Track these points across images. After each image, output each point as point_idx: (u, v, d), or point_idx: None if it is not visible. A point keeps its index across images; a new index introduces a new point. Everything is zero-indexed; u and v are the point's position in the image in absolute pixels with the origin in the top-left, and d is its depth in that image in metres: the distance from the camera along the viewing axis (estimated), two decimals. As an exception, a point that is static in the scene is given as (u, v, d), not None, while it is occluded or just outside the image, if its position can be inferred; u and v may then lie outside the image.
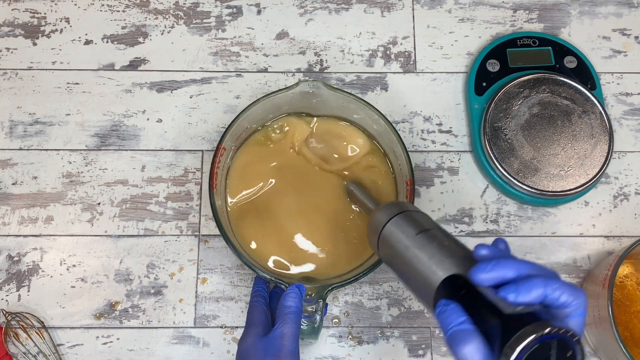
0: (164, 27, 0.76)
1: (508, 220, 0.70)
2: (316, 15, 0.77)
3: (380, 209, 0.53)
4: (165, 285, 0.67)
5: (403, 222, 0.50)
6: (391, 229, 0.50)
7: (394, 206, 0.52)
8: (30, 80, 0.73)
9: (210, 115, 0.73)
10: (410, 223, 0.49)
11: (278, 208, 0.63)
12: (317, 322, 0.56)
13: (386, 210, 0.52)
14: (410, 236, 0.47)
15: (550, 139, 0.68)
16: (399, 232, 0.49)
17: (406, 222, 0.50)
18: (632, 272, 0.66)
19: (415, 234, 0.47)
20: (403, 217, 0.50)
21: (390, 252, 0.49)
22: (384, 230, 0.50)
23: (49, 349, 0.64)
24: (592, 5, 0.78)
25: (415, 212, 0.52)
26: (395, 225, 0.50)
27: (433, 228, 0.48)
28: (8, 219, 0.68)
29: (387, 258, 0.51)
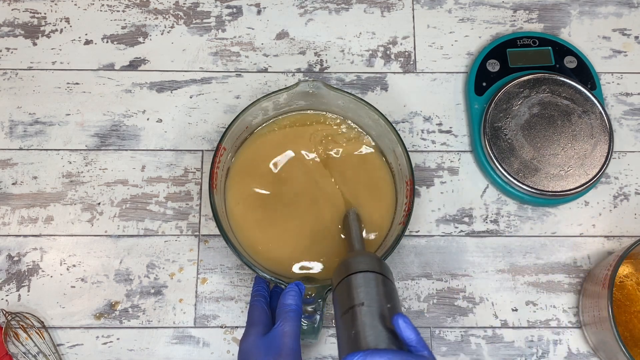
0: (164, 27, 0.76)
1: (508, 220, 0.70)
2: (316, 15, 0.77)
3: (354, 256, 0.54)
4: (165, 285, 0.67)
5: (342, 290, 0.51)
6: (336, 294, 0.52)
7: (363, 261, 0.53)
8: (30, 80, 0.73)
9: (210, 115, 0.73)
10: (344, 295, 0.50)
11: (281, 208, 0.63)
12: (317, 322, 0.56)
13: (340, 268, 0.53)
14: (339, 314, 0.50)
15: (550, 139, 0.68)
16: (336, 301, 0.51)
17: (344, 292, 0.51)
18: (632, 272, 0.66)
19: (342, 313, 0.49)
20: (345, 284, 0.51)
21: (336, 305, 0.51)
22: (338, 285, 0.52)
23: (49, 349, 0.64)
24: (592, 5, 0.78)
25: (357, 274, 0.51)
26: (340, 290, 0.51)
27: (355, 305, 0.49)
28: (8, 219, 0.68)
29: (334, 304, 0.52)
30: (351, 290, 0.50)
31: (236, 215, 0.63)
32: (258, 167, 0.65)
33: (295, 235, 0.62)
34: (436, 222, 0.69)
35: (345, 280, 0.51)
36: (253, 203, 0.64)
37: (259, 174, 0.65)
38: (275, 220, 0.63)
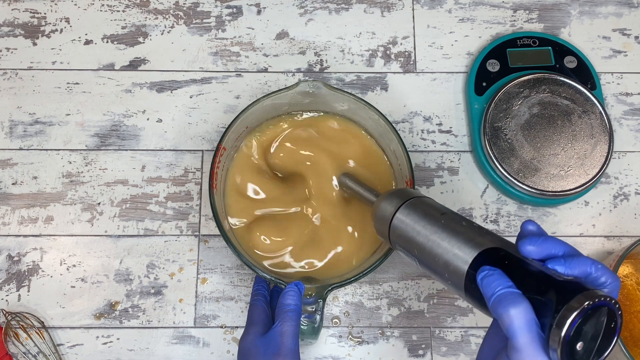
0: (164, 27, 0.76)
1: (508, 220, 0.70)
2: (316, 15, 0.77)
3: (385, 197, 0.53)
4: (165, 285, 0.67)
5: (417, 208, 0.50)
6: (403, 217, 0.50)
7: (399, 193, 0.52)
8: (30, 80, 0.73)
9: (210, 115, 0.73)
10: (427, 207, 0.50)
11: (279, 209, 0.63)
12: (317, 322, 0.56)
13: (392, 198, 0.52)
14: (434, 218, 0.48)
15: (550, 139, 0.68)
16: (414, 217, 0.49)
17: (421, 207, 0.50)
18: (632, 272, 0.66)
19: (439, 214, 0.48)
20: (415, 203, 0.50)
21: (407, 237, 0.49)
22: (394, 220, 0.51)
23: (49, 349, 0.64)
24: (592, 5, 0.78)
25: (422, 197, 0.52)
26: (408, 212, 0.50)
27: (450, 211, 0.49)
28: (8, 219, 0.68)
29: (403, 244, 0.50)
30: (429, 204, 0.50)
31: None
32: (258, 167, 0.65)
33: (295, 235, 0.62)
34: (436, 222, 0.69)
35: (413, 201, 0.51)
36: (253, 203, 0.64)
37: (259, 174, 0.65)
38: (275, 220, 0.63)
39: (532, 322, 0.36)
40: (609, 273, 0.39)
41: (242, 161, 0.64)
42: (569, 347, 0.35)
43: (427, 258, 0.47)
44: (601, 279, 0.39)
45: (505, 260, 0.41)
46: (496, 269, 0.40)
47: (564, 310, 0.35)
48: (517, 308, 0.36)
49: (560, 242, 0.40)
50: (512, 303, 0.37)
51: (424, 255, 0.47)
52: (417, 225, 0.48)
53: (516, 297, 0.37)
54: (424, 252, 0.47)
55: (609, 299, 0.36)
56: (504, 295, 0.38)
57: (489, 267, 0.40)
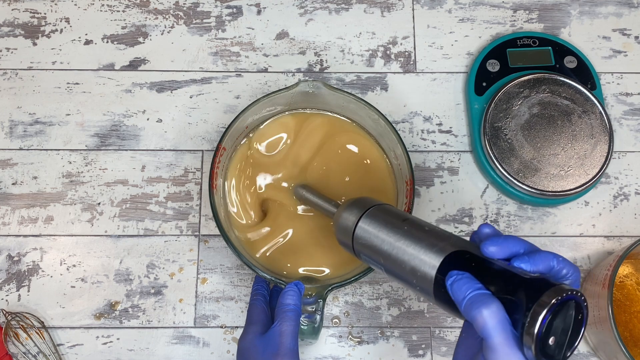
0: (164, 27, 0.76)
1: (508, 220, 0.70)
2: (316, 15, 0.77)
3: (345, 208, 0.52)
4: (165, 285, 0.67)
5: (378, 216, 0.50)
6: (365, 226, 0.50)
7: (358, 203, 0.52)
8: (30, 80, 0.73)
9: (210, 115, 0.73)
10: (388, 215, 0.49)
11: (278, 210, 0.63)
12: (317, 322, 0.56)
13: (352, 208, 0.52)
14: (396, 226, 0.47)
15: (550, 139, 0.68)
16: (378, 226, 0.49)
17: (383, 215, 0.50)
18: (632, 272, 0.66)
19: (401, 221, 0.48)
20: (376, 211, 0.50)
21: (372, 246, 0.49)
22: (357, 229, 0.50)
23: (49, 349, 0.64)
24: (592, 5, 0.78)
25: (383, 204, 0.52)
26: (370, 220, 0.50)
27: (410, 217, 0.49)
28: (8, 219, 0.68)
29: (369, 254, 0.50)
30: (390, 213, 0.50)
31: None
32: (258, 167, 0.65)
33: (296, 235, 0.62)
34: (436, 222, 0.69)
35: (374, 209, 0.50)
36: (253, 203, 0.64)
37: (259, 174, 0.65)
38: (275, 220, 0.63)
39: (504, 321, 0.37)
40: (570, 265, 0.40)
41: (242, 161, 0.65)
42: (541, 342, 0.36)
43: (394, 266, 0.47)
44: (563, 271, 0.40)
45: (472, 263, 0.41)
46: (464, 272, 0.40)
47: (534, 307, 0.36)
48: (489, 308, 0.37)
49: (520, 240, 0.41)
50: (483, 304, 0.37)
51: (390, 263, 0.47)
52: (380, 233, 0.48)
53: (487, 298, 0.38)
54: (389, 260, 0.47)
55: (575, 292, 0.37)
56: (475, 297, 0.38)
57: (457, 272, 0.40)
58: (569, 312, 0.37)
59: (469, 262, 0.41)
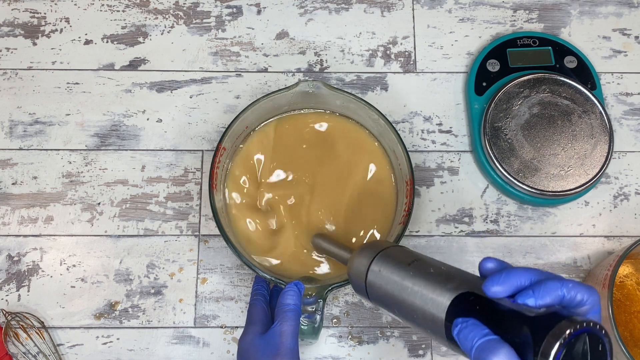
0: (164, 27, 0.76)
1: (508, 220, 0.70)
2: (316, 15, 0.77)
3: (357, 254, 0.51)
4: (165, 285, 0.67)
5: (387, 259, 0.48)
6: (377, 270, 0.48)
7: (370, 247, 0.51)
8: (30, 80, 0.73)
9: (210, 115, 0.73)
10: (395, 258, 0.48)
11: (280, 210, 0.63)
12: (317, 322, 0.56)
13: (364, 253, 0.50)
14: (402, 269, 0.46)
15: (550, 139, 0.68)
16: (387, 270, 0.47)
17: (391, 259, 0.48)
18: (632, 272, 0.66)
19: (407, 265, 0.46)
20: (384, 255, 0.49)
21: (383, 292, 0.48)
22: (369, 274, 0.49)
23: (49, 349, 0.64)
24: (592, 5, 0.78)
25: (394, 246, 0.51)
26: (380, 264, 0.48)
27: (418, 259, 0.47)
28: (8, 219, 0.68)
29: (381, 299, 0.49)
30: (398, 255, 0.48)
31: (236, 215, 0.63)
32: (258, 167, 0.65)
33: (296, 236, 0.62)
34: (436, 222, 0.69)
35: (383, 253, 0.49)
36: (253, 203, 0.64)
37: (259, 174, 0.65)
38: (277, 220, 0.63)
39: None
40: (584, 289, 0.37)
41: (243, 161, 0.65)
42: None
43: (406, 312, 0.45)
44: (576, 298, 0.37)
45: (477, 305, 0.40)
46: (469, 318, 0.39)
47: (542, 348, 0.34)
48: (498, 355, 0.36)
49: (524, 270, 0.39)
50: (492, 352, 0.36)
51: (402, 308, 0.46)
52: (391, 279, 0.47)
53: (495, 345, 0.36)
54: (401, 306, 0.46)
55: (586, 324, 0.35)
56: (483, 345, 0.37)
57: (462, 319, 0.39)
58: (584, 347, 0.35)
59: (474, 305, 0.40)
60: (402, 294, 0.45)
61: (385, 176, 0.65)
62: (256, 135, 0.65)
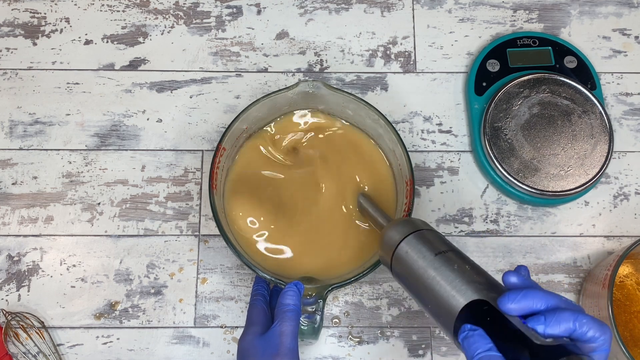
0: (164, 27, 0.76)
1: (508, 220, 0.70)
2: (316, 15, 0.77)
3: (393, 225, 0.52)
4: (165, 285, 0.67)
5: (418, 241, 0.49)
6: (406, 249, 0.49)
7: (407, 223, 0.51)
8: (30, 80, 0.73)
9: (210, 115, 0.73)
10: (426, 243, 0.48)
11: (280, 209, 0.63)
12: (317, 323, 0.56)
13: (399, 227, 0.51)
14: (428, 257, 0.47)
15: (550, 139, 0.68)
16: (414, 252, 0.48)
17: (422, 242, 0.49)
18: (632, 272, 0.66)
19: (433, 255, 0.47)
20: (418, 237, 0.49)
21: (405, 272, 0.48)
22: (397, 249, 0.50)
23: (49, 349, 0.64)
24: (592, 5, 0.78)
25: (429, 230, 0.51)
26: (410, 244, 0.49)
27: (450, 250, 0.48)
28: (8, 219, 0.68)
29: (401, 277, 0.49)
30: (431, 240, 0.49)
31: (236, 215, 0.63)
32: (258, 167, 0.65)
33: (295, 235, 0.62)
34: (436, 222, 0.69)
35: (417, 234, 0.49)
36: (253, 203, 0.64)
37: (259, 174, 0.65)
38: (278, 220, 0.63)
39: None
40: (597, 326, 0.37)
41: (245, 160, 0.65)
42: None
43: (422, 297, 0.46)
44: (588, 333, 0.37)
45: (488, 316, 0.40)
46: (477, 328, 0.39)
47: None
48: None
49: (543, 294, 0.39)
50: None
51: (419, 293, 0.47)
52: (417, 260, 0.47)
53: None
54: (419, 290, 0.47)
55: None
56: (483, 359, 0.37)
57: (470, 327, 0.40)
58: None
59: (485, 315, 0.40)
60: (423, 280, 0.46)
61: (385, 176, 0.65)
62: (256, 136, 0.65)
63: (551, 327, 0.37)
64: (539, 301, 0.39)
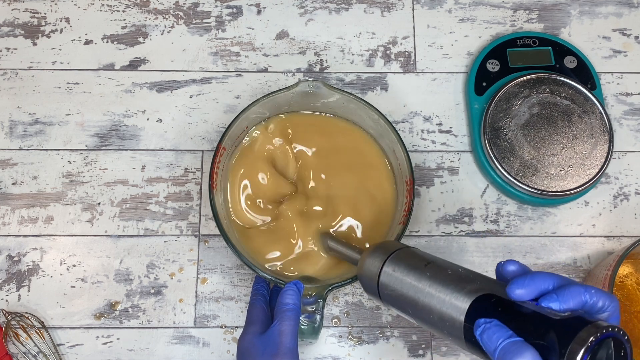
0: (164, 27, 0.76)
1: (508, 220, 0.70)
2: (316, 15, 0.77)
3: (368, 254, 0.51)
4: (165, 285, 0.67)
5: (401, 260, 0.48)
6: (390, 271, 0.48)
7: (381, 248, 0.51)
8: (30, 80, 0.73)
9: (210, 115, 0.73)
10: (410, 259, 0.48)
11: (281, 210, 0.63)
12: (317, 322, 0.56)
13: (376, 254, 0.50)
14: (418, 271, 0.46)
15: (550, 139, 0.68)
16: (401, 271, 0.47)
17: (405, 260, 0.48)
18: (632, 272, 0.66)
19: (423, 266, 0.46)
20: (399, 257, 0.49)
21: (398, 294, 0.47)
22: (382, 275, 0.49)
23: (49, 349, 0.64)
24: (592, 5, 0.78)
25: (406, 247, 0.50)
26: (394, 265, 0.48)
27: (434, 260, 0.47)
28: (8, 219, 0.68)
29: (394, 300, 0.48)
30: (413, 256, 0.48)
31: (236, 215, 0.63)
32: (258, 167, 0.65)
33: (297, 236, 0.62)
34: (436, 222, 0.69)
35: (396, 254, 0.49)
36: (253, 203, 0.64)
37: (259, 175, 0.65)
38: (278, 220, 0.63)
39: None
40: (605, 295, 0.38)
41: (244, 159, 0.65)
42: None
43: (422, 313, 0.45)
44: (598, 304, 0.38)
45: (499, 307, 0.40)
46: (492, 319, 0.39)
47: (569, 350, 0.34)
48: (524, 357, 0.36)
49: (548, 276, 0.39)
50: (517, 354, 0.36)
51: (418, 310, 0.46)
52: (405, 278, 0.47)
53: (520, 347, 0.36)
54: (416, 307, 0.46)
55: (611, 329, 0.35)
56: (507, 346, 0.37)
57: (485, 320, 0.39)
58: (609, 351, 0.35)
59: (496, 307, 0.40)
60: (418, 296, 0.45)
61: (385, 176, 0.65)
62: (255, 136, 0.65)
63: (565, 302, 0.37)
64: (547, 282, 0.39)
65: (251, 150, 0.65)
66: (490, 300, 0.41)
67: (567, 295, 0.38)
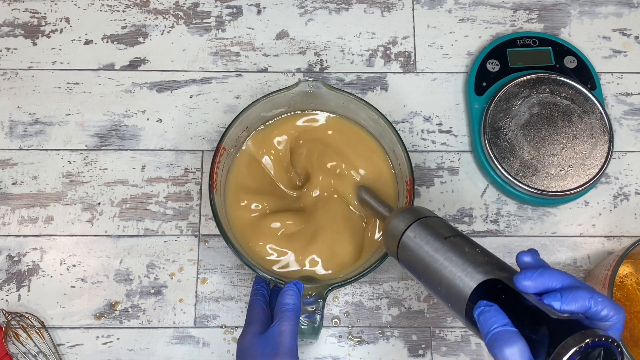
0: (164, 27, 0.76)
1: (508, 220, 0.70)
2: (316, 15, 0.77)
3: (397, 214, 0.52)
4: (165, 285, 0.67)
5: (425, 228, 0.49)
6: (412, 236, 0.49)
7: (411, 211, 0.52)
8: (30, 80, 0.73)
9: (210, 115, 0.73)
10: (433, 229, 0.49)
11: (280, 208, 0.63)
12: (317, 322, 0.56)
13: (403, 215, 0.51)
14: (436, 243, 0.47)
15: (550, 139, 0.68)
16: (422, 238, 0.49)
17: (428, 229, 0.49)
18: (632, 272, 0.66)
19: (441, 240, 0.47)
20: (424, 224, 0.50)
21: (413, 258, 0.49)
22: (404, 237, 0.50)
23: (49, 349, 0.64)
24: (592, 5, 0.78)
25: (434, 217, 0.51)
26: (417, 231, 0.49)
27: (457, 235, 0.48)
28: (8, 219, 0.68)
29: (409, 264, 0.50)
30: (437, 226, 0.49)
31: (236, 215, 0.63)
32: (258, 167, 0.65)
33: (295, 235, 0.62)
34: (436, 222, 0.69)
35: (422, 221, 0.50)
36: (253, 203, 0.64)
37: (259, 175, 0.65)
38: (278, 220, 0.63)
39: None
40: (611, 305, 0.38)
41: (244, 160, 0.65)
42: None
43: (431, 282, 0.47)
44: (602, 312, 0.38)
45: (503, 294, 0.41)
46: (493, 304, 0.40)
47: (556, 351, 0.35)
48: (512, 348, 0.36)
49: (559, 273, 0.40)
50: (507, 342, 0.37)
51: (429, 278, 0.47)
52: (424, 246, 0.48)
53: (511, 336, 0.37)
54: (428, 275, 0.47)
55: (604, 339, 0.35)
56: (500, 333, 0.38)
57: (486, 302, 0.40)
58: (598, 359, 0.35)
59: (501, 293, 0.41)
60: (433, 264, 0.46)
61: (385, 176, 0.65)
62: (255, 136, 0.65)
63: (567, 304, 0.37)
64: (555, 279, 0.39)
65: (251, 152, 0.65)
66: (496, 286, 0.42)
67: (571, 298, 0.38)
